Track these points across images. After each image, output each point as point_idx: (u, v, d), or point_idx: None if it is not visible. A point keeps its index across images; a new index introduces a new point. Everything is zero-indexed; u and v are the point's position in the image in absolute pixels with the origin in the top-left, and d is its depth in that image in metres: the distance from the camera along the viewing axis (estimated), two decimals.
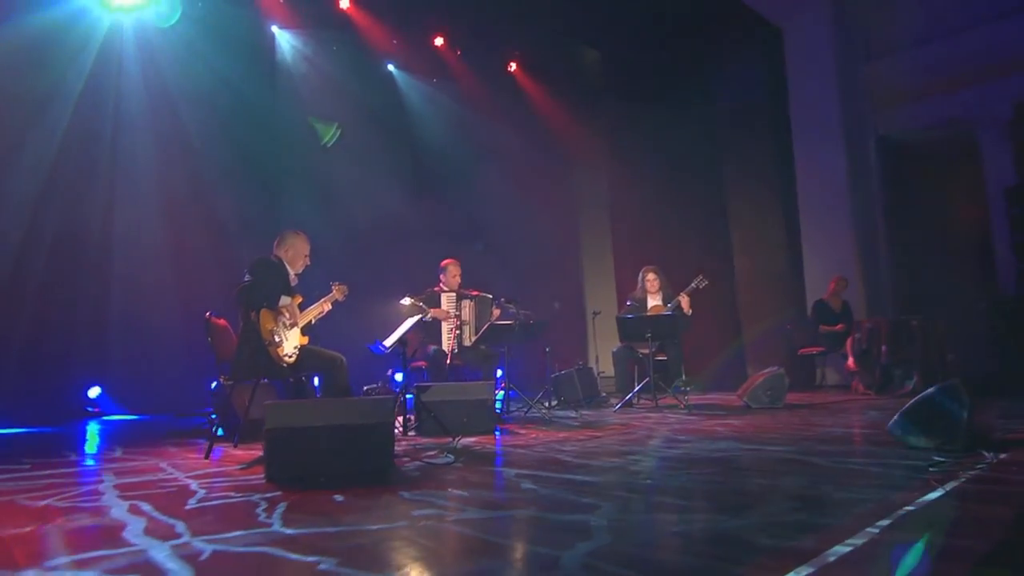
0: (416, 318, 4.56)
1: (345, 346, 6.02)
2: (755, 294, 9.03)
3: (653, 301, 6.71)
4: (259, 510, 2.51)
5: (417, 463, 3.46)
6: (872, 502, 2.36)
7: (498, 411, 5.77)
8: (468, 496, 2.68)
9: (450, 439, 4.38)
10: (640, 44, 8.99)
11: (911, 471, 2.90)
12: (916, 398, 3.50)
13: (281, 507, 2.56)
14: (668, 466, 3.18)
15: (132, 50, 7.11)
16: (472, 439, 4.41)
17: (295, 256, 4.20)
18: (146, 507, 2.62)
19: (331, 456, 3.16)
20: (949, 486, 2.53)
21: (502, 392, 5.81)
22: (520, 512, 2.39)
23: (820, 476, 2.87)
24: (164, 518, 2.43)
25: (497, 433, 4.64)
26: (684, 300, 6.41)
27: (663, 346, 6.38)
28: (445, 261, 6.02)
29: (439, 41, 9.46)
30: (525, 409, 5.84)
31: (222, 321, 4.16)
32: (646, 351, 6.39)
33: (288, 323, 3.94)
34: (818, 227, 8.40)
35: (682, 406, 5.79)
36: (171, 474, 3.34)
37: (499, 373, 6.10)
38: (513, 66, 10.14)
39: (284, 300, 3.92)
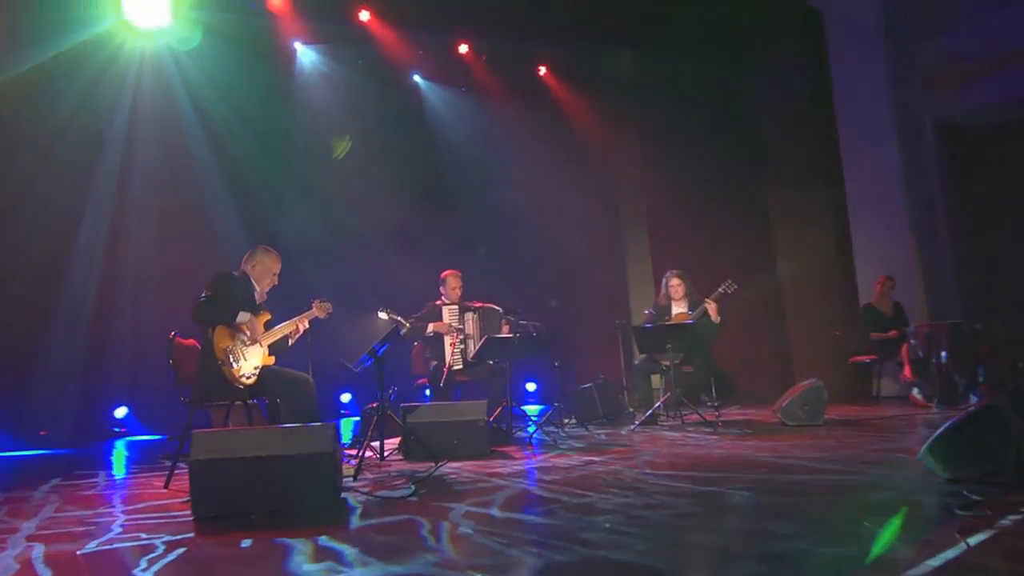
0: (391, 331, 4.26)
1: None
2: (801, 299, 8.31)
3: (677, 308, 6.17)
4: (145, 559, 2.23)
5: (369, 497, 3.12)
6: (862, 565, 1.86)
7: (503, 430, 5.40)
8: (386, 544, 2.32)
9: (432, 465, 4.04)
10: (674, 41, 8.48)
11: (937, 515, 2.36)
12: (954, 419, 2.92)
13: (173, 555, 2.28)
14: (637, 505, 2.73)
15: (153, 70, 7.08)
16: (458, 464, 4.05)
17: (262, 273, 3.97)
18: (38, 551, 2.38)
19: (264, 491, 2.87)
20: (980, 537, 2.00)
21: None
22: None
23: (814, 523, 2.36)
24: (41, 569, 2.18)
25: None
26: (711, 307, 5.86)
27: (688, 357, 5.84)
28: (445, 272, 5.71)
29: (463, 48, 9.20)
30: (531, 429, 5.43)
31: (190, 341, 3.95)
32: (668, 362, 5.88)
33: (247, 341, 3.69)
34: (870, 224, 7.63)
35: (709, 424, 5.24)
36: (107, 509, 3.11)
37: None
38: (543, 70, 9.78)
39: (243, 317, 3.67)
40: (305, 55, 8.35)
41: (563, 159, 8.77)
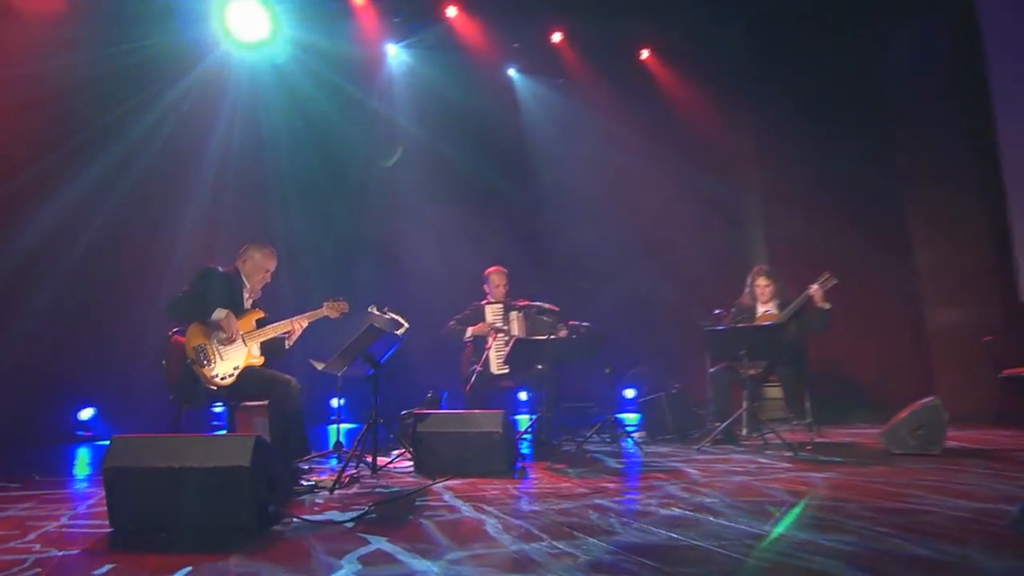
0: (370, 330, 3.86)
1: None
2: (944, 297, 6.87)
3: (763, 310, 5.24)
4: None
5: (299, 520, 2.73)
6: None
7: (552, 443, 4.84)
8: None
9: (432, 481, 3.61)
10: (791, 16, 7.38)
11: None
12: None
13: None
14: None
15: (251, 80, 7.17)
16: (460, 483, 3.57)
17: (253, 269, 3.75)
18: None
19: (178, 505, 2.57)
20: None
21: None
22: None
23: None
24: None
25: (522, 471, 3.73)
26: (816, 291, 4.89)
27: (772, 366, 4.93)
28: (489, 269, 5.25)
29: (557, 37, 8.66)
30: (576, 442, 4.80)
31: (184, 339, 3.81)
32: (753, 371, 5.00)
33: (224, 339, 3.46)
34: None
35: (791, 447, 4.32)
36: (36, 524, 2.93)
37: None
38: (645, 53, 8.99)
39: (218, 314, 3.45)
40: (396, 57, 8.18)
41: (665, 150, 7.96)
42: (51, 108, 5.45)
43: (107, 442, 2.70)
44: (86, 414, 6.16)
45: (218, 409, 4.35)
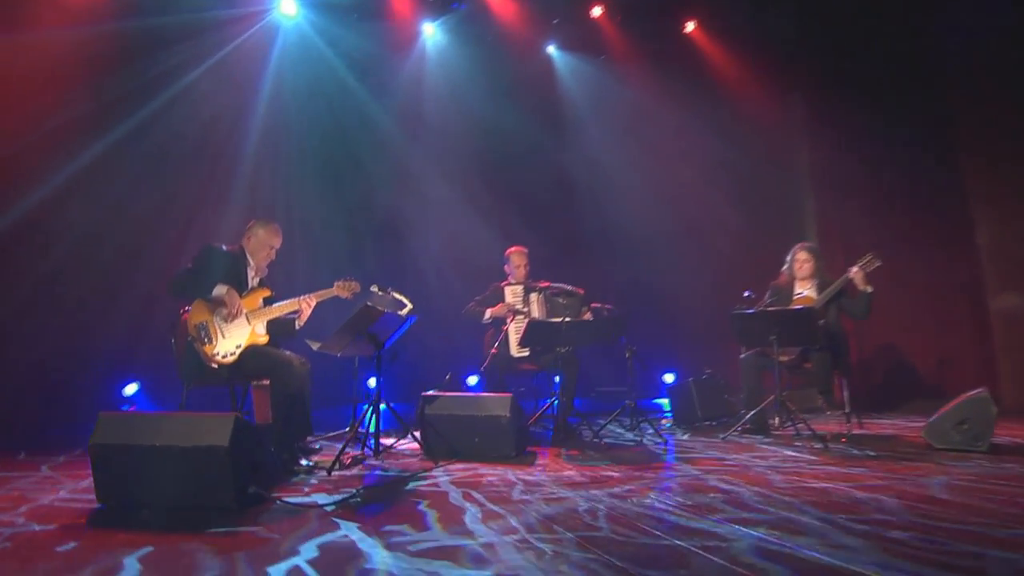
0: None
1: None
2: (1005, 282, 6.33)
3: (802, 290, 4.92)
4: None
5: (280, 502, 2.69)
6: None
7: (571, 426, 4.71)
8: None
9: (435, 464, 3.54)
10: None
11: None
12: None
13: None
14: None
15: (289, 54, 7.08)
16: (459, 466, 3.50)
17: (257, 246, 3.73)
18: None
19: (160, 483, 2.58)
20: None
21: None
22: None
23: None
24: None
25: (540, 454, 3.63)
26: (857, 274, 4.57)
27: (807, 352, 4.63)
28: (509, 249, 5.11)
29: (597, 11, 8.34)
30: (593, 430, 4.65)
31: None
32: (785, 358, 4.73)
33: (226, 316, 3.45)
34: None
35: (820, 439, 4.05)
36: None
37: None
38: (691, 26, 8.57)
39: (219, 290, 3.43)
40: (431, 37, 8.02)
41: (707, 128, 7.58)
42: (80, 78, 5.44)
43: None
44: (130, 389, 6.37)
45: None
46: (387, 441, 4.22)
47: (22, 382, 5.12)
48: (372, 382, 6.98)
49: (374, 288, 3.79)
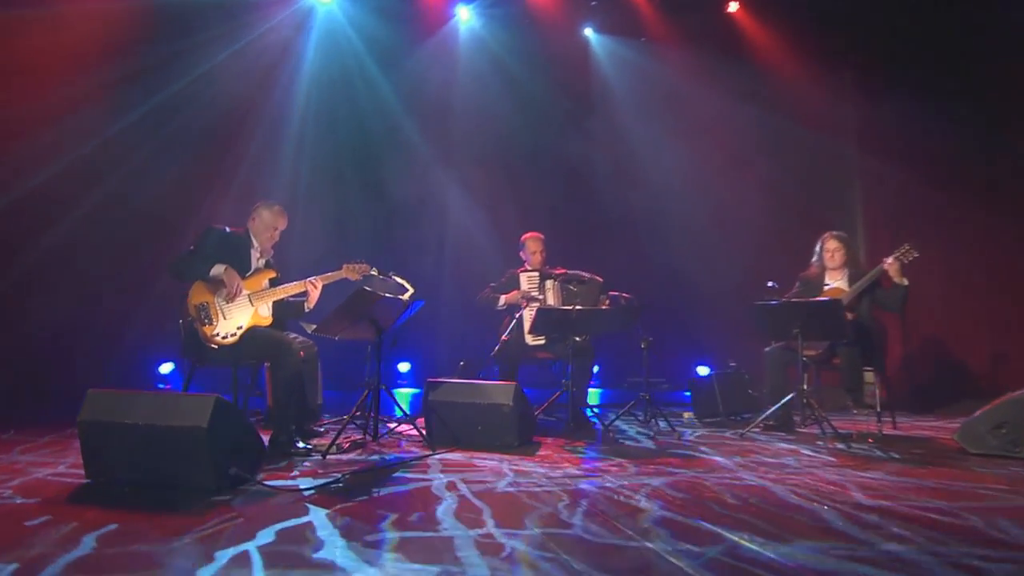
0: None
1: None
2: None
3: (832, 281, 4.66)
4: None
5: (262, 484, 2.68)
6: None
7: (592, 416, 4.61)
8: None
9: (432, 452, 3.50)
10: None
11: None
12: None
13: None
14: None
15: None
16: (456, 455, 3.45)
17: (260, 228, 3.73)
18: None
19: (145, 461, 2.61)
20: None
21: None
22: None
23: None
24: None
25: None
26: (892, 265, 4.30)
27: (836, 346, 4.39)
28: (525, 235, 4.99)
29: None
30: (604, 424, 4.52)
31: None
32: (812, 352, 4.50)
33: (227, 296, 3.46)
34: None
35: (843, 439, 3.83)
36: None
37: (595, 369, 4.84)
38: (734, 6, 8.21)
39: (216, 270, 3.44)
40: (466, 22, 7.90)
41: (748, 115, 7.28)
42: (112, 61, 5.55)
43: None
44: (166, 368, 6.56)
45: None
46: (390, 426, 4.20)
47: (50, 355, 5.31)
48: (405, 366, 6.98)
49: (373, 272, 3.76)
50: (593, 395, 6.37)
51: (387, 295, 3.54)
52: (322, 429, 4.11)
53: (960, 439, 3.70)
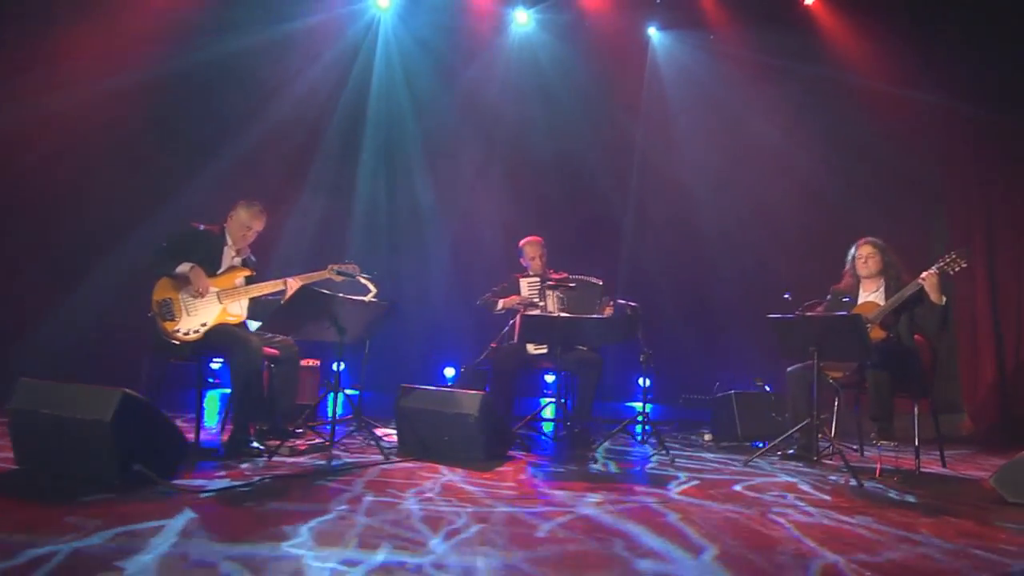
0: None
1: None
2: None
3: (866, 294, 4.11)
4: None
5: (162, 482, 2.62)
6: None
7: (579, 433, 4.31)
8: None
9: (385, 460, 3.35)
10: None
11: None
12: None
13: None
14: None
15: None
16: (409, 464, 3.28)
17: (235, 227, 3.71)
18: None
19: (58, 452, 2.62)
20: None
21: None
22: None
23: None
24: None
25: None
26: (930, 277, 3.74)
27: (863, 366, 3.85)
28: (523, 240, 4.75)
29: None
30: (591, 446, 4.18)
31: None
32: (837, 374, 3.99)
33: (194, 293, 3.46)
34: None
35: (856, 475, 3.33)
36: None
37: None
38: None
39: (182, 267, 3.44)
40: (524, 25, 7.73)
41: (821, 117, 6.73)
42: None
43: (228, 390, 2.81)
44: (215, 364, 6.94)
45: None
46: (377, 431, 4.08)
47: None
48: (450, 371, 6.84)
49: (332, 268, 3.66)
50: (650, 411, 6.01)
51: (339, 295, 3.42)
52: (300, 430, 4.05)
53: (996, 483, 3.12)
